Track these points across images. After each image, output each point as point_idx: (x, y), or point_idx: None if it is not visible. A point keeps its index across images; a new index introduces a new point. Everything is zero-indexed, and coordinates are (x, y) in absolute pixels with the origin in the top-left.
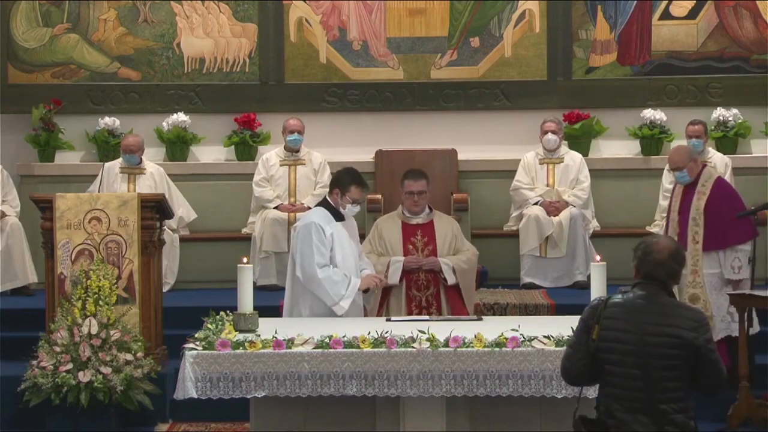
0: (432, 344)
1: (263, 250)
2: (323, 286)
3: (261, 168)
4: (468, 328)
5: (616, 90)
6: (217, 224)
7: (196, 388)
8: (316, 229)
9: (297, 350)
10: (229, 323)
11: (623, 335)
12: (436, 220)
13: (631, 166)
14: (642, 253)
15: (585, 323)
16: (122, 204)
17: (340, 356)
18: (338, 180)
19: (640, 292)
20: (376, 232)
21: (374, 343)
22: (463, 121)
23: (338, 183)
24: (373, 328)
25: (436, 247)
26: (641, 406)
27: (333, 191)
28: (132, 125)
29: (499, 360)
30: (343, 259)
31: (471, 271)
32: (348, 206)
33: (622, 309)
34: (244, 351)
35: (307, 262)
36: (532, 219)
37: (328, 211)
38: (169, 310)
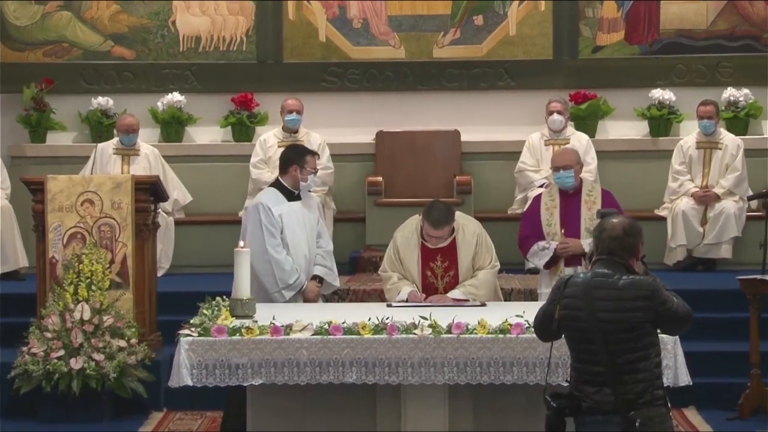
0: (434, 331)
1: None
2: (271, 267)
3: (258, 149)
4: (471, 315)
5: (623, 69)
6: (214, 207)
7: (192, 376)
8: (264, 209)
9: (295, 336)
10: (225, 309)
11: (579, 314)
12: (459, 239)
13: (639, 147)
14: (597, 231)
15: (551, 299)
16: (116, 186)
17: (340, 343)
18: (291, 157)
19: (597, 270)
20: (394, 249)
21: (375, 330)
22: (466, 102)
23: (293, 159)
24: (373, 314)
25: (458, 273)
26: (604, 379)
27: (290, 169)
28: (126, 105)
29: (504, 347)
30: (294, 241)
31: (488, 292)
32: (309, 178)
33: (579, 288)
34: (241, 337)
35: (257, 241)
36: None
37: (280, 192)
38: (163, 296)
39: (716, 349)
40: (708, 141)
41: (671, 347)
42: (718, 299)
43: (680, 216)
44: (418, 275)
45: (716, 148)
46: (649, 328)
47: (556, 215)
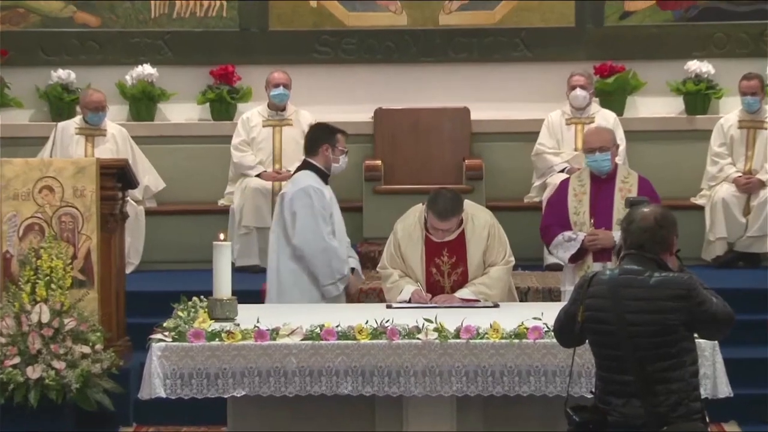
0: (440, 335)
1: (243, 225)
2: (329, 257)
3: (240, 129)
4: (482, 317)
5: (655, 38)
6: (190, 195)
7: (165, 386)
8: (316, 192)
9: (282, 342)
10: (203, 310)
11: (605, 316)
12: (468, 231)
13: (673, 126)
14: (626, 222)
15: (574, 299)
16: (78, 171)
17: (333, 349)
18: (321, 136)
19: (625, 266)
20: (394, 242)
21: (373, 334)
22: (476, 75)
23: (323, 138)
24: (371, 316)
25: (467, 270)
26: (633, 389)
27: (320, 149)
28: (90, 79)
29: (519, 354)
30: (339, 228)
31: (501, 291)
32: (341, 159)
33: (605, 286)
34: (221, 343)
35: (311, 229)
36: None
37: (317, 175)
38: (133, 295)
39: (761, 355)
40: (752, 120)
41: (709, 354)
42: (763, 299)
43: (720, 205)
44: (422, 272)
45: (761, 128)
46: (684, 331)
47: (586, 203)
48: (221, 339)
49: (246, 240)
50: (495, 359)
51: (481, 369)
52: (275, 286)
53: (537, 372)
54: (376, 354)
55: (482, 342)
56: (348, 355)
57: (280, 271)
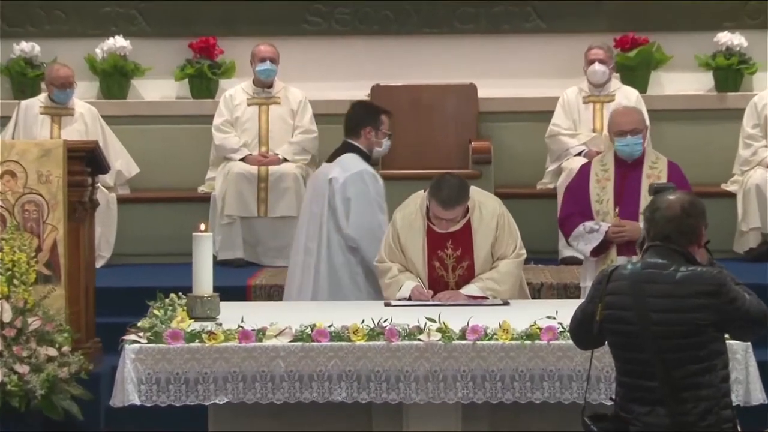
0: (444, 336)
1: (226, 214)
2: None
3: (223, 108)
4: (491, 316)
5: (682, 8)
6: (167, 181)
7: (139, 393)
8: (372, 177)
9: (270, 344)
10: (181, 309)
11: (626, 315)
12: (475, 221)
13: (701, 105)
14: (650, 211)
15: (592, 296)
16: (43, 154)
17: (326, 351)
18: (364, 117)
19: (649, 260)
20: (393, 234)
21: (369, 335)
22: (484, 48)
23: (366, 120)
24: (367, 315)
25: (473, 264)
26: (657, 396)
27: (363, 131)
28: (56, 53)
29: (532, 356)
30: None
31: (512, 287)
32: (384, 142)
33: (627, 282)
34: (202, 344)
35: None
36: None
37: (361, 157)
38: (103, 292)
39: None
40: None
41: (742, 357)
42: None
43: (754, 192)
44: (424, 266)
45: None
46: (713, 332)
47: (610, 190)
48: (202, 340)
49: (229, 231)
50: (505, 363)
51: (489, 373)
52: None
53: (551, 377)
54: (373, 357)
55: (490, 344)
56: (342, 359)
57: (332, 265)
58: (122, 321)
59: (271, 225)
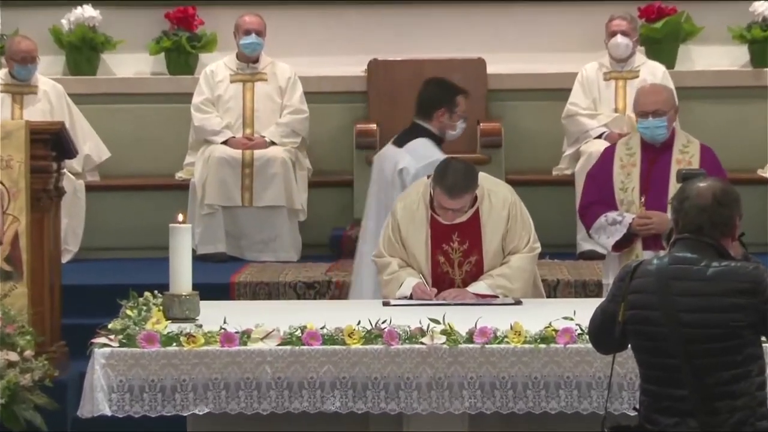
0: (449, 339)
1: (206, 203)
2: None
3: (203, 85)
4: (501, 316)
5: None
6: (140, 166)
7: (110, 402)
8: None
9: (255, 347)
10: (157, 309)
11: (651, 315)
12: (484, 211)
13: (735, 82)
14: (678, 200)
15: (613, 294)
16: (3, 137)
17: (318, 356)
18: (439, 97)
19: (677, 254)
20: (393, 225)
21: (366, 338)
22: (493, 19)
23: (441, 100)
24: (364, 316)
25: (482, 258)
26: (687, 406)
27: (435, 113)
28: (17, 23)
29: (547, 362)
30: None
31: (524, 285)
32: (458, 125)
33: (653, 279)
34: (180, 348)
35: None
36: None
37: (433, 142)
38: (70, 290)
39: None
40: None
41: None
42: None
43: None
44: (427, 262)
45: None
46: (749, 334)
47: (636, 176)
48: (179, 344)
49: (210, 222)
50: (516, 369)
51: (499, 380)
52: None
53: (568, 384)
54: (370, 362)
55: (501, 347)
56: (335, 364)
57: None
58: (91, 322)
59: (257, 216)
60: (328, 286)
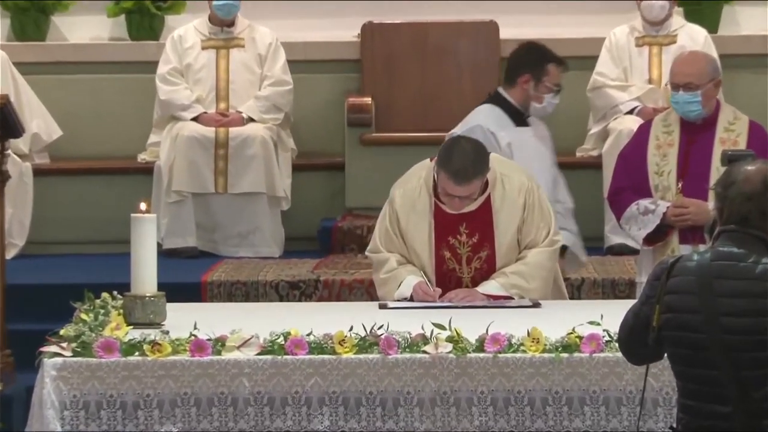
0: (456, 347)
1: (174, 190)
2: None
3: (170, 53)
4: (517, 321)
5: None
6: (97, 147)
7: (62, 420)
8: (485, 133)
9: (231, 357)
10: (116, 312)
11: (691, 319)
12: (496, 199)
13: None
14: (722, 186)
15: (647, 295)
16: None
17: (304, 367)
18: (524, 62)
19: (721, 249)
20: (391, 216)
21: (360, 346)
22: None
23: (526, 65)
24: (357, 320)
25: (494, 253)
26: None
27: (518, 79)
28: None
29: (570, 374)
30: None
31: (543, 284)
32: (546, 98)
33: (692, 278)
34: (143, 358)
35: None
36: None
37: (504, 111)
38: (16, 291)
39: None
40: None
41: None
42: None
43: None
44: (430, 258)
45: None
46: None
47: (673, 158)
48: (143, 353)
49: (178, 212)
50: (534, 381)
51: (514, 396)
52: None
53: (595, 400)
54: (364, 375)
55: (516, 357)
56: (324, 377)
57: None
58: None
59: (233, 204)
60: (316, 286)
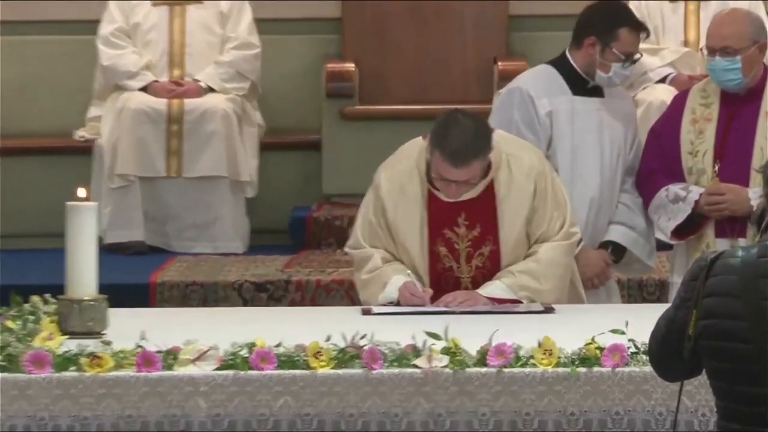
0: (453, 360)
1: (118, 174)
2: None
3: (114, 10)
4: (526, 329)
5: None
6: (27, 123)
7: None
8: (523, 97)
9: (185, 373)
10: (48, 319)
11: (734, 327)
12: (501, 184)
13: None
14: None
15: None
16: None
17: (272, 385)
18: (593, 20)
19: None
20: (376, 204)
21: (339, 359)
22: None
23: (595, 27)
24: (336, 328)
25: (499, 249)
26: None
27: (584, 41)
28: None
29: (588, 392)
30: (574, 164)
31: (558, 285)
32: (614, 67)
33: (736, 277)
34: (80, 374)
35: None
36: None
37: (561, 75)
38: None
39: None
40: None
41: None
42: None
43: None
44: (423, 254)
45: None
46: None
47: (710, 136)
48: (80, 368)
49: (123, 199)
50: (547, 401)
51: (522, 417)
52: None
53: (618, 422)
54: (344, 393)
55: (525, 372)
56: (296, 396)
57: None
58: None
59: (188, 190)
60: (286, 288)
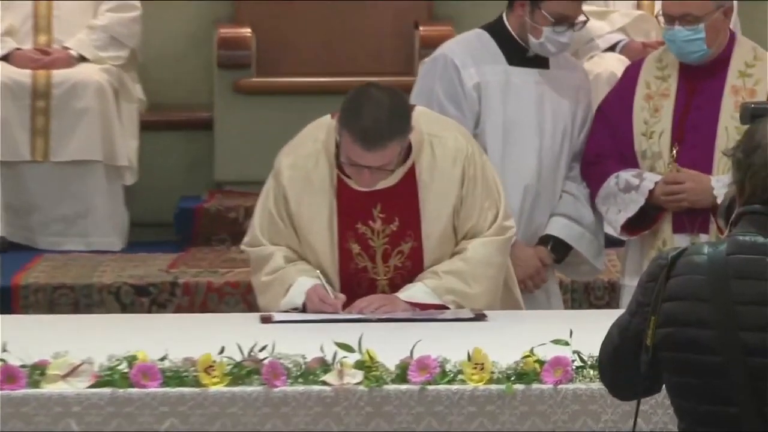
0: (369, 376)
1: None
2: None
3: None
4: (453, 339)
5: None
6: None
7: None
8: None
9: (54, 391)
10: None
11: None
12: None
13: None
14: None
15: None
16: None
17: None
18: None
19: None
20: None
21: (234, 375)
22: None
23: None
24: (231, 339)
25: (422, 245)
26: None
27: (514, 2)
28: None
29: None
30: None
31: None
32: (545, 31)
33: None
34: None
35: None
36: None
37: (496, 41)
38: None
39: None
40: None
41: None
42: None
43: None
44: (333, 252)
45: None
46: None
47: (667, 114)
48: None
49: None
50: (477, 424)
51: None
52: None
53: None
54: (240, 415)
55: (452, 390)
56: (184, 418)
57: None
58: None
59: (56, 177)
60: (172, 292)
